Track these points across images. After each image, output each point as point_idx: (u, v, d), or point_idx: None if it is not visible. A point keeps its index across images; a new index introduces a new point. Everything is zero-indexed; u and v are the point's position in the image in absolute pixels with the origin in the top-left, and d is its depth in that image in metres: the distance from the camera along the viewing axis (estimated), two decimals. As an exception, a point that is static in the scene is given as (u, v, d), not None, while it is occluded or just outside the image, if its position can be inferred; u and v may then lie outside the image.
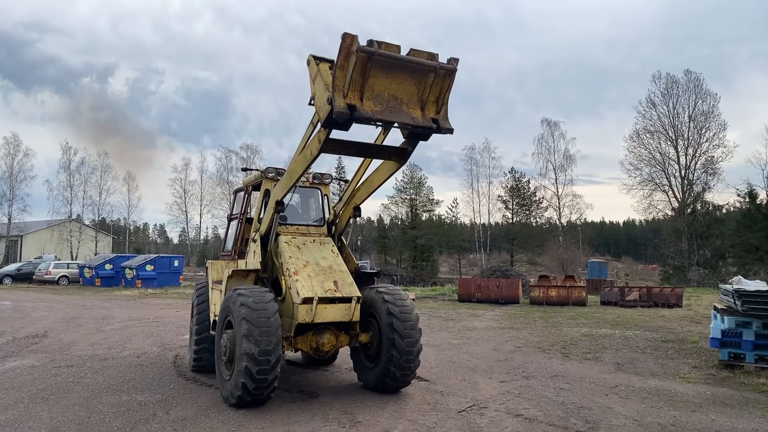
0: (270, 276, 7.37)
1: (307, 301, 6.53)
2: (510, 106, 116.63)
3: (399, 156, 6.49)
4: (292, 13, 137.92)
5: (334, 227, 8.00)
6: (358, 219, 7.86)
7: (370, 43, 5.16)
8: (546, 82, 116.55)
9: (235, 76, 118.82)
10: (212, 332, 7.77)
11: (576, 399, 7.12)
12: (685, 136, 45.39)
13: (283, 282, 7.05)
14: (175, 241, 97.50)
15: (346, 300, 6.81)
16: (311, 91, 5.89)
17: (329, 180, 8.50)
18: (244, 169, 8.75)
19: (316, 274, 6.93)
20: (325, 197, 8.36)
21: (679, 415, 6.43)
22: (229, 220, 9.14)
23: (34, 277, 35.36)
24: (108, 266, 33.36)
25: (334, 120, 5.28)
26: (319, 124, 5.86)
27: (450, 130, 5.79)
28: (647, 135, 46.93)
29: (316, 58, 5.96)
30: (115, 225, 72.05)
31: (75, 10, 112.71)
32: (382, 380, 7.08)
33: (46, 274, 34.68)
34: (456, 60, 5.62)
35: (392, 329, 6.90)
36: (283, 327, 6.48)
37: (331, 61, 6.05)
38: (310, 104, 6.00)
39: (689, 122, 45.36)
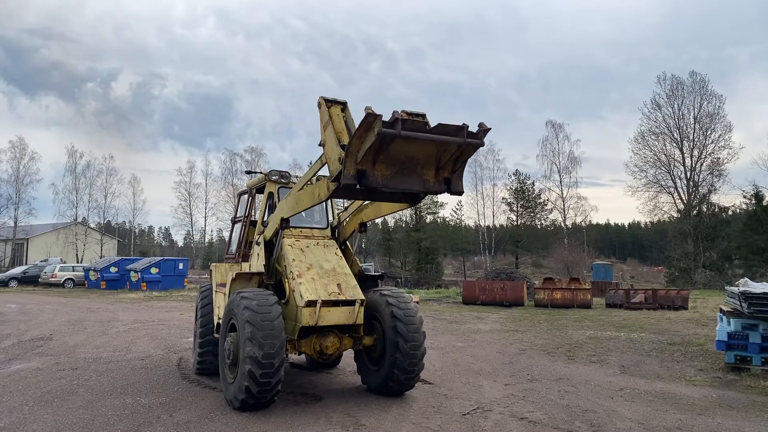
0: (274, 279, 7.37)
1: (311, 304, 6.52)
2: (511, 109, 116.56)
3: (410, 200, 6.22)
4: (293, 18, 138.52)
5: (338, 233, 8.00)
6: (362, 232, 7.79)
7: (394, 122, 4.78)
8: (547, 85, 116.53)
9: (237, 81, 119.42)
10: (216, 335, 7.78)
11: (581, 402, 7.09)
12: (691, 137, 45.33)
13: (286, 285, 7.05)
14: (180, 243, 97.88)
15: (350, 303, 6.80)
16: (321, 137, 5.62)
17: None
18: (248, 172, 8.77)
19: (319, 276, 6.93)
20: (330, 201, 8.35)
21: (685, 419, 6.39)
22: (233, 222, 9.17)
23: (39, 279, 35.49)
24: (113, 269, 33.47)
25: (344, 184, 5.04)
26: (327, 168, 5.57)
27: (460, 193, 5.51)
28: (652, 137, 46.94)
29: (327, 100, 5.65)
30: (120, 228, 72.44)
31: (80, 16, 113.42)
32: (386, 383, 7.06)
33: (52, 277, 34.85)
34: (485, 131, 5.17)
35: (396, 332, 6.88)
36: (286, 330, 6.48)
37: (342, 104, 5.73)
38: (320, 145, 5.70)
39: (694, 124, 45.31)
